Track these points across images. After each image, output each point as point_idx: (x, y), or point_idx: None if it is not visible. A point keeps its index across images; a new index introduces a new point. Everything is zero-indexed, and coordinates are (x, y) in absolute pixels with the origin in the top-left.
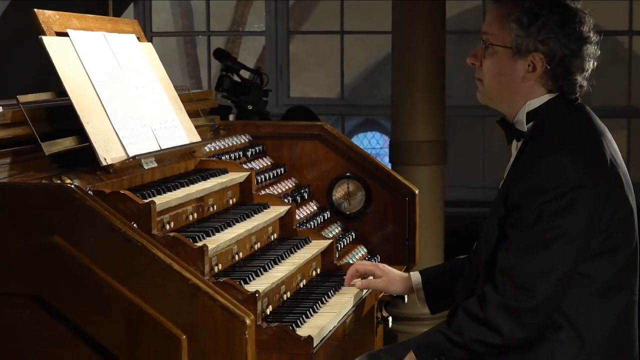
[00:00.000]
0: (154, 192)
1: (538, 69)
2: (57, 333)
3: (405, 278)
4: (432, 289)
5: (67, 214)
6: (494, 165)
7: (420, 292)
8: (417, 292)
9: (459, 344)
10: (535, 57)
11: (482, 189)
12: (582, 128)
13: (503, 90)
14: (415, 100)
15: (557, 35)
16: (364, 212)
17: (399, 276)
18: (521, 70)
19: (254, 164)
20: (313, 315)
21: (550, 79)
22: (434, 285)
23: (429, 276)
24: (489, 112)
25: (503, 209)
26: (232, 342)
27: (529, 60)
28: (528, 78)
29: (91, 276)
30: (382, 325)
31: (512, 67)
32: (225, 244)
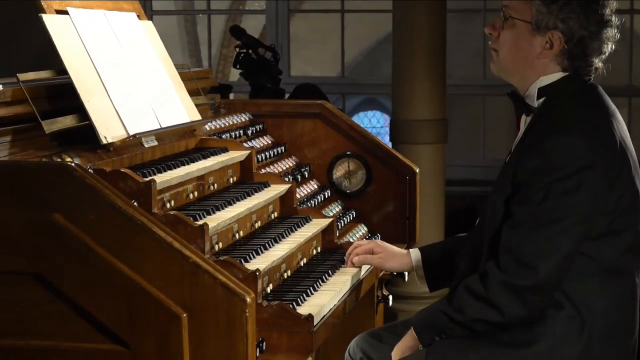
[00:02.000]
0: (154, 170)
1: (555, 47)
2: (58, 311)
3: (404, 255)
4: (432, 266)
5: (68, 192)
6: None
7: (419, 269)
8: (416, 270)
9: (460, 322)
10: (554, 35)
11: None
12: (593, 108)
13: (517, 63)
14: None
15: (579, 15)
16: (365, 190)
17: (397, 253)
18: (538, 46)
19: (255, 142)
20: (313, 293)
21: (567, 58)
22: (434, 263)
23: (429, 253)
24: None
25: (509, 186)
26: (232, 320)
27: (547, 38)
28: (544, 55)
29: (91, 254)
30: (383, 303)
31: (529, 42)
32: (226, 222)
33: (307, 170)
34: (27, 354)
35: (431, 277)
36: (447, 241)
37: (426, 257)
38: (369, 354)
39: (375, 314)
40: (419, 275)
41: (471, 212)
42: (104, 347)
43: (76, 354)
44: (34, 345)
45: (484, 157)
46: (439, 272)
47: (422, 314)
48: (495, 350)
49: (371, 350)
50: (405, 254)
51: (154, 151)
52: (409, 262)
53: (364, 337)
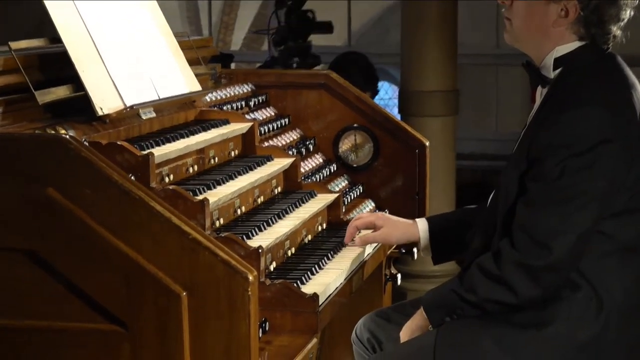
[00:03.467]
0: (152, 143)
1: (571, 14)
2: (53, 289)
3: (409, 225)
4: (439, 237)
5: (62, 165)
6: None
7: (426, 240)
8: (422, 240)
9: (472, 302)
10: (569, 2)
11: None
12: (611, 79)
13: (532, 33)
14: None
15: None
16: (372, 164)
17: (401, 224)
18: (553, 14)
19: (257, 114)
20: (318, 272)
21: (583, 26)
22: (441, 234)
23: (437, 224)
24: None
25: (524, 161)
26: (234, 299)
27: (562, 5)
28: (559, 23)
29: (87, 230)
30: (391, 282)
31: (543, 10)
32: (227, 197)
33: (311, 143)
34: (21, 334)
35: (437, 249)
36: (455, 212)
37: (433, 227)
38: (376, 334)
39: (383, 293)
40: (425, 246)
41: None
42: (101, 327)
43: (72, 334)
44: (28, 325)
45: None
46: (445, 245)
47: (433, 294)
48: (508, 332)
49: (379, 330)
50: (411, 223)
51: (151, 123)
52: (415, 232)
53: (371, 317)
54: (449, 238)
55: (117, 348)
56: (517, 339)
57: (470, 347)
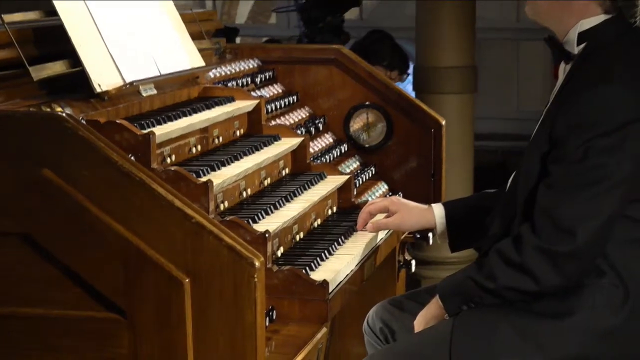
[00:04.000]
0: (153, 121)
1: None
2: (48, 275)
3: (425, 210)
4: (456, 223)
5: (58, 145)
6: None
7: (442, 225)
8: (438, 227)
9: (491, 290)
10: None
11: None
12: (639, 55)
13: (554, 6)
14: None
15: None
16: (385, 144)
17: (416, 209)
18: None
19: (264, 91)
20: (328, 257)
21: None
22: (459, 220)
23: (454, 209)
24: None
25: (546, 142)
26: (239, 286)
27: None
28: None
29: (84, 213)
30: (405, 269)
31: None
32: (232, 179)
33: (321, 122)
34: (14, 322)
35: (454, 235)
36: (473, 197)
37: (450, 213)
38: (389, 323)
39: (397, 281)
40: (441, 232)
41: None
42: (99, 315)
43: (68, 321)
44: (21, 312)
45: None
46: (463, 231)
47: (449, 281)
48: (528, 321)
49: (392, 319)
50: (426, 209)
51: (152, 101)
52: (430, 219)
53: (384, 305)
54: (467, 224)
55: (116, 337)
56: (537, 328)
57: (488, 336)
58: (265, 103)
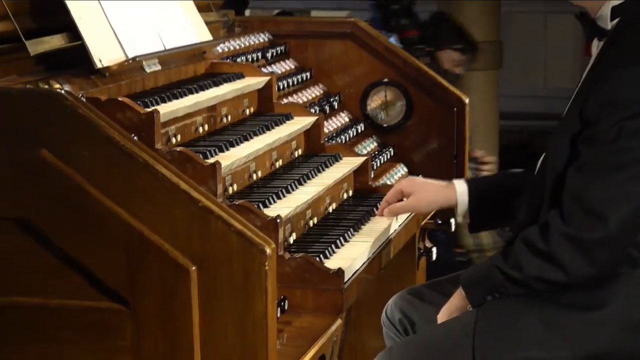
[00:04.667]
0: (157, 99)
1: None
2: (46, 262)
3: (445, 187)
4: (479, 202)
5: (56, 124)
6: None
7: (464, 203)
8: (459, 204)
9: (517, 280)
10: None
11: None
12: None
13: None
14: None
15: None
16: (404, 124)
17: (433, 187)
18: None
19: (275, 67)
20: (344, 244)
21: None
22: (482, 198)
23: (477, 186)
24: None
25: (577, 122)
26: (249, 274)
27: None
28: None
29: (85, 197)
30: (425, 257)
31: None
32: (241, 160)
33: (336, 100)
34: (10, 312)
35: (476, 214)
36: (497, 176)
37: (473, 190)
38: (409, 314)
39: (417, 269)
40: (462, 211)
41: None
42: (100, 305)
43: (67, 312)
44: (18, 302)
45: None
46: (486, 210)
47: (473, 270)
48: (556, 313)
49: (412, 310)
50: (445, 185)
51: (157, 77)
52: (451, 196)
53: (403, 295)
54: (490, 203)
55: (119, 328)
56: (565, 320)
57: (513, 328)
58: (276, 80)
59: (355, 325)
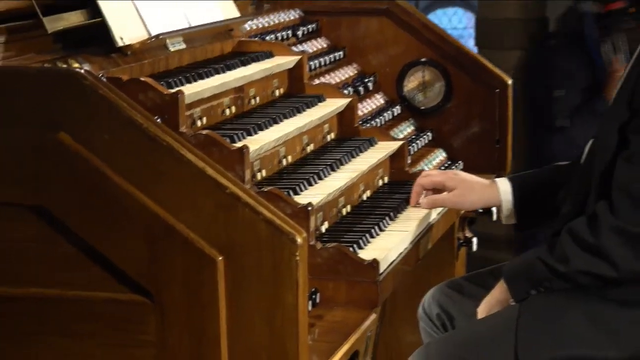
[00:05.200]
0: (182, 79)
1: None
2: (64, 252)
3: (488, 186)
4: (524, 200)
5: (75, 105)
6: None
7: (508, 203)
8: (504, 205)
9: (562, 274)
10: None
11: None
12: None
13: None
14: None
15: None
16: (443, 106)
17: (478, 185)
18: None
19: (306, 45)
20: (379, 234)
21: None
22: (527, 197)
23: (521, 184)
24: None
25: (626, 111)
26: (278, 265)
27: None
28: None
29: (105, 182)
30: (465, 248)
31: None
32: (270, 145)
33: (371, 81)
34: (26, 304)
35: (522, 213)
36: (543, 170)
37: (518, 189)
38: (447, 309)
39: (456, 261)
40: (506, 210)
41: None
42: (121, 297)
43: (86, 304)
44: (34, 294)
45: None
46: (532, 209)
47: (516, 263)
48: (603, 309)
49: (450, 304)
50: (488, 184)
51: (181, 56)
52: (495, 196)
53: (441, 288)
54: (537, 202)
55: (141, 322)
56: (613, 317)
57: (557, 324)
58: (307, 59)
59: (390, 320)
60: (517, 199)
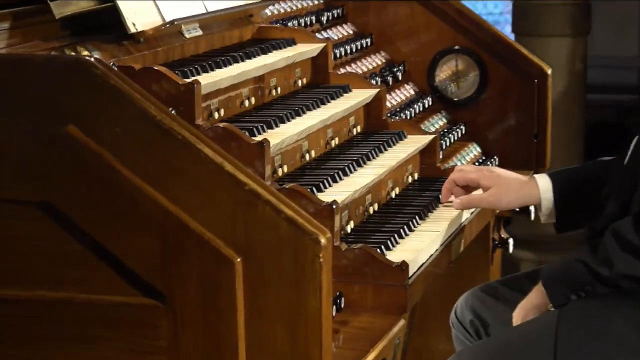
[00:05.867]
0: (198, 68)
1: None
2: (72, 251)
3: (526, 184)
4: (566, 198)
5: (85, 96)
6: None
7: (548, 201)
8: (543, 204)
9: (605, 278)
10: None
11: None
12: None
13: None
14: None
15: None
16: (478, 98)
17: (515, 182)
18: None
19: (331, 32)
20: (408, 234)
21: None
22: (569, 194)
23: (562, 182)
24: None
25: None
26: (301, 267)
27: None
28: None
29: (116, 178)
30: (501, 249)
31: None
32: (292, 138)
33: (400, 70)
34: (33, 307)
35: (563, 214)
36: (587, 166)
37: (559, 187)
38: (481, 314)
39: (491, 264)
40: (546, 209)
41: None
42: (132, 301)
43: (95, 308)
44: (41, 296)
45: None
46: (573, 208)
47: (555, 265)
48: None
49: (484, 309)
50: (527, 181)
51: (197, 43)
52: (534, 194)
53: (475, 293)
54: (579, 200)
55: (153, 326)
56: None
57: (600, 333)
58: (332, 47)
59: (420, 327)
60: (558, 197)
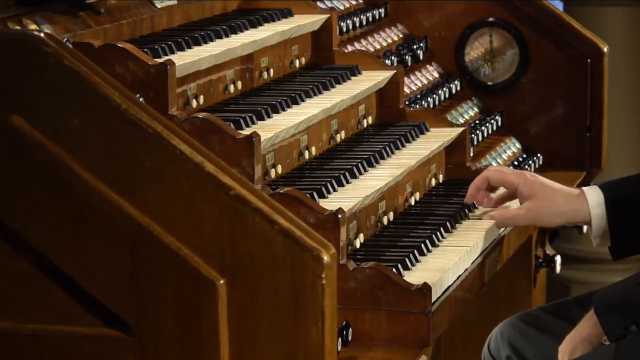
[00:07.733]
0: (172, 46)
1: None
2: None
3: (574, 198)
4: (622, 216)
5: (33, 80)
6: None
7: (600, 219)
8: (594, 221)
9: None
10: None
11: None
12: None
13: None
14: None
15: None
16: (517, 82)
17: (561, 196)
18: None
19: (336, 1)
20: (431, 250)
21: None
22: (626, 211)
23: (617, 194)
24: None
25: None
26: (299, 290)
27: None
28: None
29: (72, 181)
30: (546, 269)
31: None
32: (289, 132)
33: (422, 47)
34: None
35: (618, 233)
36: None
37: (612, 200)
38: (520, 349)
39: (533, 287)
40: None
41: None
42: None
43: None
44: None
45: None
46: (632, 228)
47: (611, 289)
48: None
49: (524, 343)
50: (576, 195)
51: (171, 15)
52: (583, 210)
53: (513, 322)
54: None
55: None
56: None
57: None
58: (338, 19)
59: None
60: (612, 214)
